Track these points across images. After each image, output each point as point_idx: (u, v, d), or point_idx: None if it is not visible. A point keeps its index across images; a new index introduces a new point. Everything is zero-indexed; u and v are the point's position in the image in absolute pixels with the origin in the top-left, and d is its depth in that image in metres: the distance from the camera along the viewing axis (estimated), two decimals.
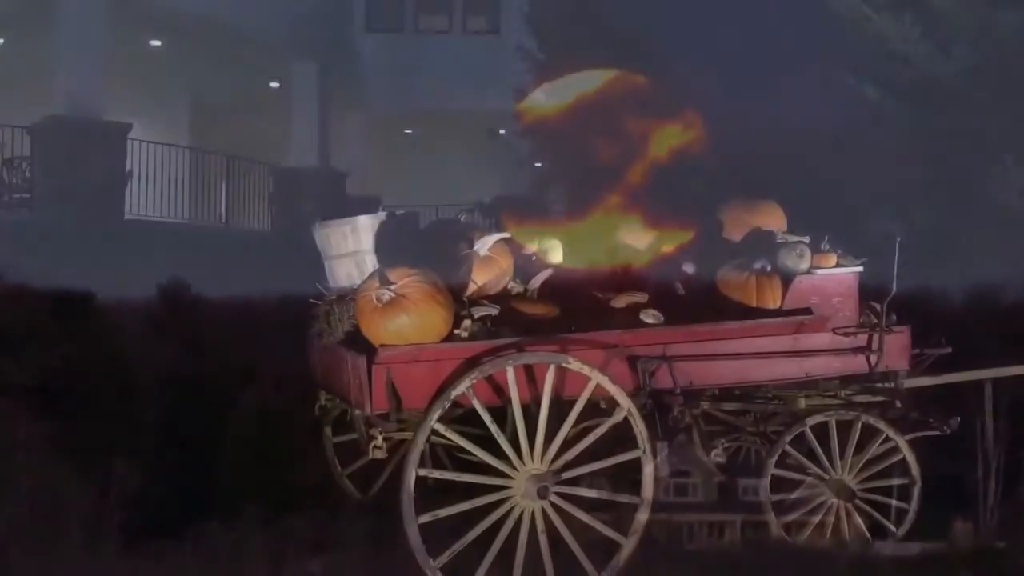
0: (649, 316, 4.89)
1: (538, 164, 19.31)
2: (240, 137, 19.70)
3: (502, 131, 20.28)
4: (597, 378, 4.57)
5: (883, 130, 8.21)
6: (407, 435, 4.63)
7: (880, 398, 5.56)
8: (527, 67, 16.87)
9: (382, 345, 4.42)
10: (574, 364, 4.53)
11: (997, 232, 7.21)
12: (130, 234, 12.57)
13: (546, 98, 6.67)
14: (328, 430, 5.87)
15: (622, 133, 5.97)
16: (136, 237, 12.63)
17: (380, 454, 4.57)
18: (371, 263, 4.99)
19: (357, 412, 4.90)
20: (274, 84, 18.03)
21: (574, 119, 6.33)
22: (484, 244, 4.90)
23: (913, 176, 7.79)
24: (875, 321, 5.35)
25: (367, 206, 19.14)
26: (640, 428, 4.64)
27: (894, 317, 5.37)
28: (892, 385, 5.52)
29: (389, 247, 5.00)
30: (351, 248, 5.00)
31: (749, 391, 5.74)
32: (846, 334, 5.26)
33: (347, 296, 4.96)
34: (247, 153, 16.75)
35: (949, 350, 5.54)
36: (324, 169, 17.06)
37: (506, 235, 5.01)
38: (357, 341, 4.77)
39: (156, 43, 15.75)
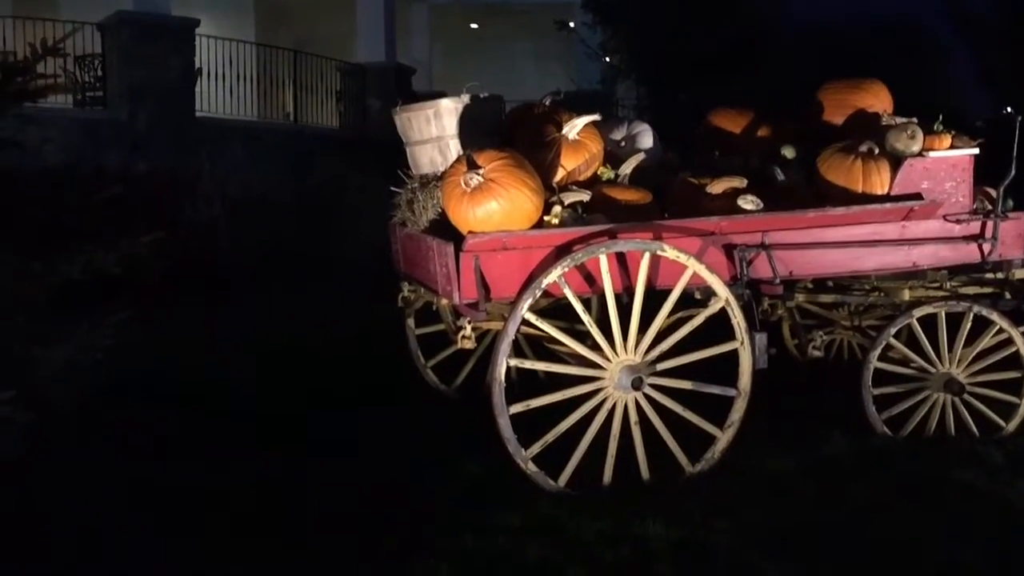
0: (747, 202, 4.62)
1: (607, 59, 18.75)
2: (306, 33, 19.45)
3: (571, 23, 19.68)
4: (694, 266, 4.36)
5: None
6: (496, 325, 4.49)
7: (989, 289, 5.26)
8: None
9: (470, 232, 4.25)
10: (670, 252, 4.32)
11: None
12: (201, 130, 12.52)
13: None
14: (411, 321, 5.79)
15: None
16: (206, 133, 12.59)
17: (469, 344, 4.45)
18: (455, 148, 4.81)
19: (444, 302, 4.78)
20: None
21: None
22: (573, 127, 4.66)
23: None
24: (990, 207, 5.02)
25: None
26: (739, 319, 4.43)
27: (1011, 203, 5.02)
28: (1003, 275, 5.22)
29: (473, 131, 4.80)
30: (434, 133, 4.81)
31: (846, 282, 5.50)
32: (958, 221, 4.94)
33: (431, 182, 4.80)
34: (313, 49, 16.47)
35: None
36: (390, 64, 16.70)
37: (596, 117, 4.75)
38: (442, 229, 4.62)
39: None
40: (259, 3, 18.26)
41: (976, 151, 4.94)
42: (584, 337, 4.48)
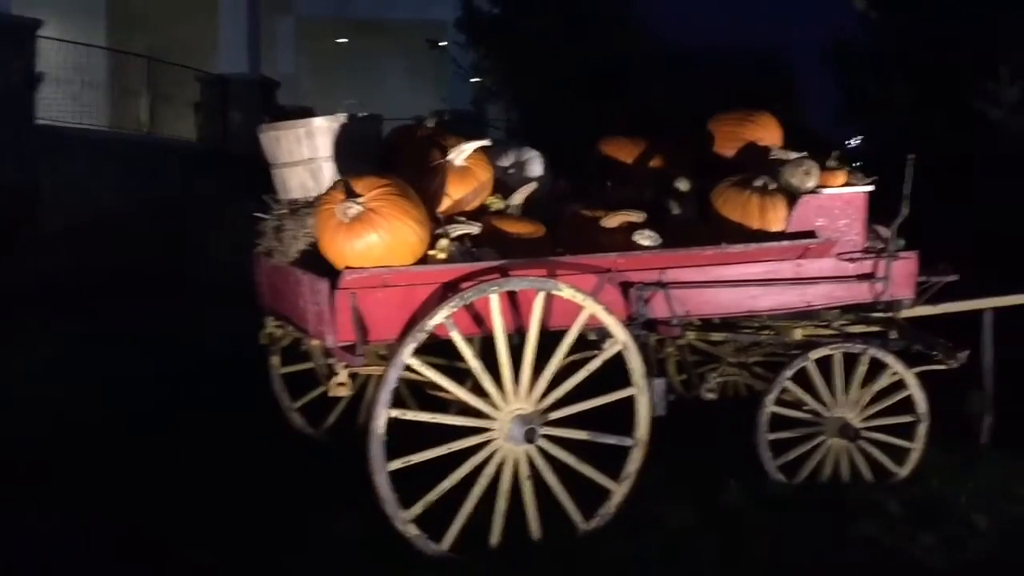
0: (645, 238, 4.36)
1: (477, 79, 18.54)
2: (163, 39, 18.42)
3: (443, 43, 19.41)
4: (591, 307, 4.04)
5: (872, 42, 7.74)
6: (375, 370, 4.05)
7: (877, 328, 5.17)
8: None
9: (347, 267, 3.80)
10: (566, 291, 3.99)
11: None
12: (41, 139, 11.50)
13: None
14: (276, 359, 5.26)
15: None
16: (47, 143, 11.58)
17: (343, 391, 3.99)
18: (329, 172, 4.36)
19: (315, 342, 4.30)
20: None
21: None
22: (461, 153, 4.28)
23: (898, 90, 7.33)
24: (882, 246, 4.91)
25: (301, 117, 18.25)
26: (636, 363, 4.14)
27: (902, 242, 4.94)
28: (891, 315, 5.13)
29: (350, 154, 4.37)
30: (306, 155, 4.35)
31: (734, 320, 5.31)
32: (852, 260, 4.81)
33: (302, 209, 4.32)
34: (171, 56, 15.58)
35: (956, 277, 5.14)
36: (254, 76, 15.97)
37: (486, 143, 4.38)
38: (315, 261, 4.15)
39: None
40: (111, 6, 17.16)
41: (871, 188, 4.83)
42: (470, 382, 4.11)
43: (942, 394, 4.92)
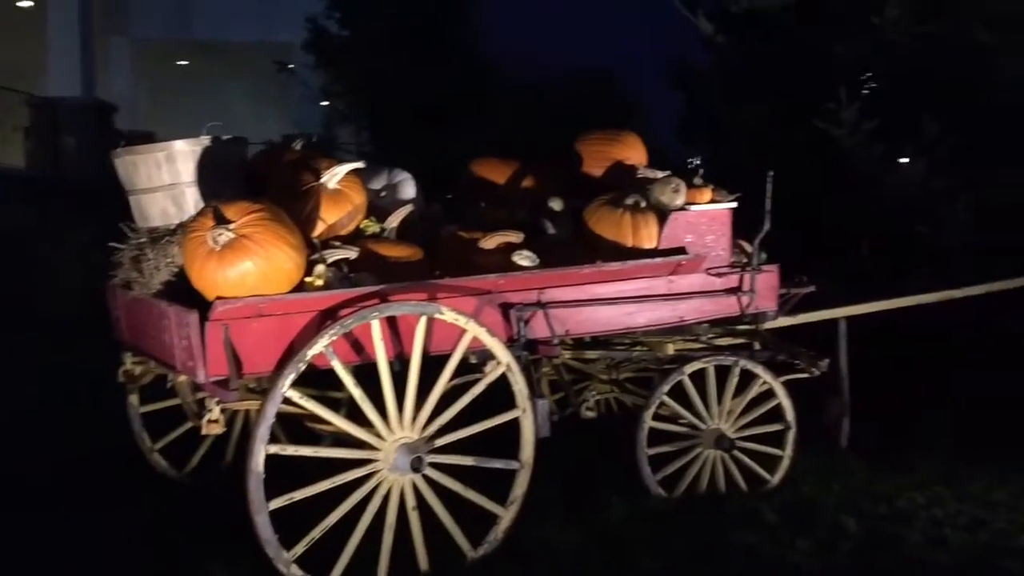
0: (523, 258, 4.33)
1: (326, 103, 18.26)
2: None
3: (291, 65, 19.01)
4: (474, 330, 3.97)
5: (719, 63, 8.04)
6: (250, 405, 3.84)
7: (743, 340, 5.33)
8: None
9: (219, 297, 3.60)
10: (448, 314, 3.91)
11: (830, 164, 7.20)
12: None
13: None
14: (134, 398, 4.93)
15: None
16: None
17: (217, 429, 3.76)
18: (192, 197, 4.13)
19: (182, 379, 4.05)
20: (25, 3, 15.80)
21: None
22: (334, 176, 4.14)
23: (746, 111, 7.65)
24: (746, 260, 5.07)
25: (141, 142, 17.47)
26: (520, 384, 4.09)
27: (764, 255, 5.11)
28: (754, 327, 5.30)
29: (214, 178, 4.15)
30: (167, 180, 4.11)
31: (608, 338, 5.36)
32: (719, 274, 4.94)
33: (164, 237, 4.08)
34: None
35: (813, 288, 5.36)
36: (88, 100, 15.15)
37: (359, 165, 4.26)
38: (179, 292, 3.92)
39: None
40: None
41: (735, 205, 4.98)
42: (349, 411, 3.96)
43: (800, 401, 5.10)
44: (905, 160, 7.08)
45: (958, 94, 7.24)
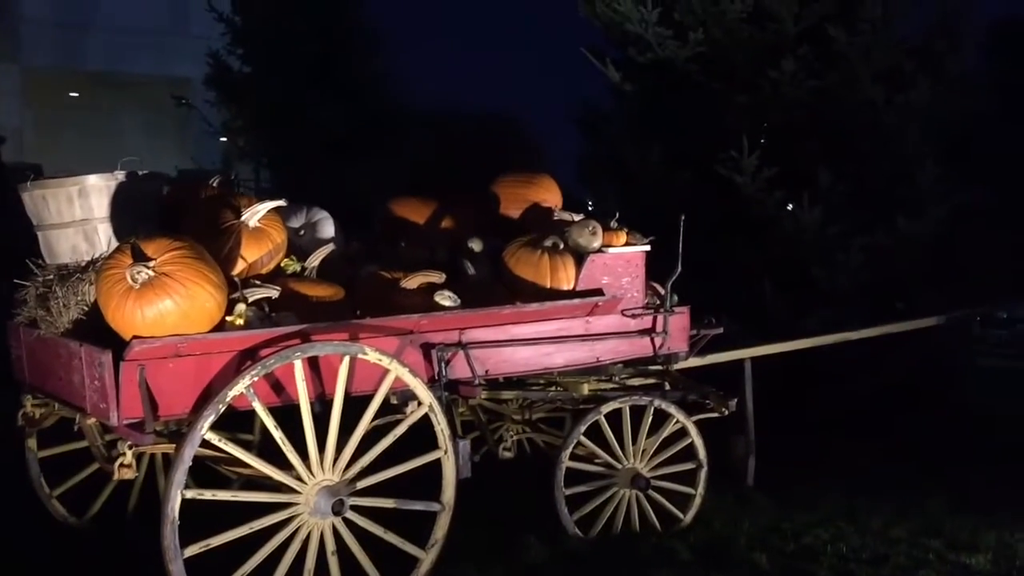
0: (445, 298, 4.34)
1: (223, 139, 17.96)
2: None
3: (183, 100, 18.65)
4: (396, 370, 3.95)
5: (625, 111, 8.24)
6: (164, 448, 3.71)
7: (653, 380, 5.44)
8: (222, 31, 15.58)
9: (136, 336, 3.48)
10: (372, 355, 3.88)
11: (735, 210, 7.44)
12: None
13: None
14: (32, 442, 4.70)
15: None
16: None
17: (129, 473, 3.62)
18: (105, 234, 4.01)
19: (90, 421, 3.90)
20: None
21: None
22: (255, 214, 4.08)
23: (652, 157, 7.85)
24: (659, 302, 5.19)
25: (27, 175, 16.85)
26: (442, 425, 4.08)
27: (676, 298, 5.24)
28: (665, 367, 5.42)
29: (129, 214, 4.05)
30: (79, 215, 3.98)
31: (523, 378, 5.39)
32: (634, 316, 5.04)
33: (74, 275, 3.93)
34: None
35: (721, 330, 5.52)
36: None
37: (280, 203, 4.21)
38: (87, 331, 3.79)
39: None
40: None
41: (648, 248, 5.11)
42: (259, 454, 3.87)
43: (706, 440, 5.21)
44: (793, 207, 7.37)
45: (851, 144, 7.61)
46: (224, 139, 18.27)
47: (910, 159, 7.46)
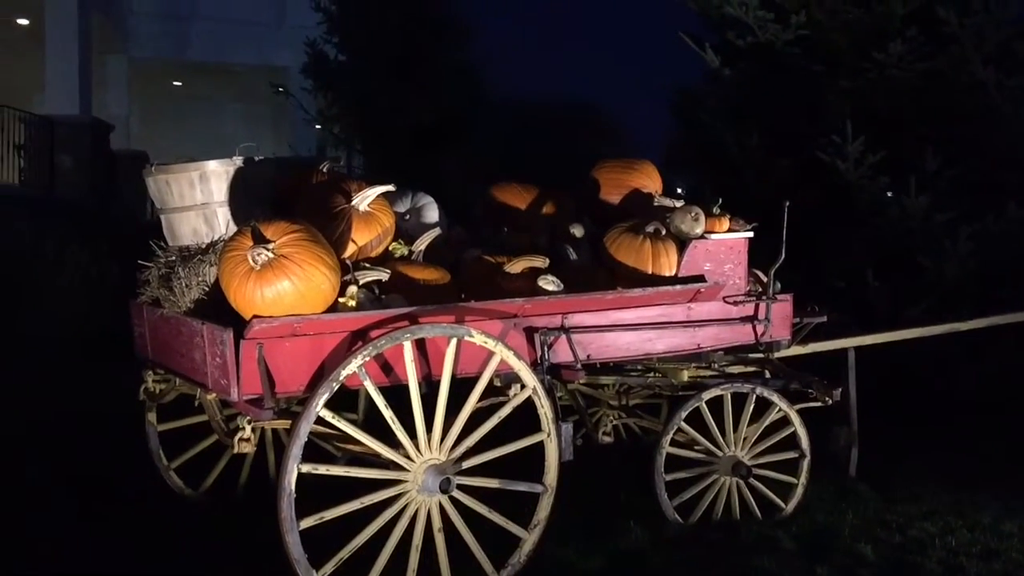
0: (548, 283, 4.38)
1: (318, 126, 18.32)
2: None
3: (280, 88, 19.08)
4: (502, 353, 4.01)
5: (723, 95, 8.13)
6: (281, 424, 3.84)
7: (754, 368, 5.38)
8: (319, 20, 15.89)
9: (256, 316, 3.62)
10: (478, 337, 3.94)
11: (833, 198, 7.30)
12: None
13: None
14: (152, 416, 4.93)
15: None
16: None
17: (248, 447, 3.77)
18: (224, 217, 4.17)
19: (211, 397, 4.06)
20: (22, 20, 15.81)
21: None
22: (365, 198, 4.18)
23: (752, 142, 7.74)
24: (761, 289, 5.14)
25: (134, 161, 17.50)
26: (546, 408, 4.13)
27: (779, 285, 5.18)
28: (766, 355, 5.35)
29: (245, 198, 4.19)
30: (199, 199, 4.14)
31: (622, 363, 5.40)
32: (736, 303, 5.00)
33: (195, 256, 4.10)
34: None
35: (824, 318, 5.43)
36: (86, 119, 15.14)
37: (389, 188, 4.30)
38: (208, 310, 3.94)
39: None
40: None
41: (751, 234, 5.05)
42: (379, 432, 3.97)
43: (808, 430, 5.14)
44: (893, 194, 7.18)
45: (959, 129, 7.38)
46: (319, 126, 18.67)
47: (1021, 144, 7.21)
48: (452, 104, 15.73)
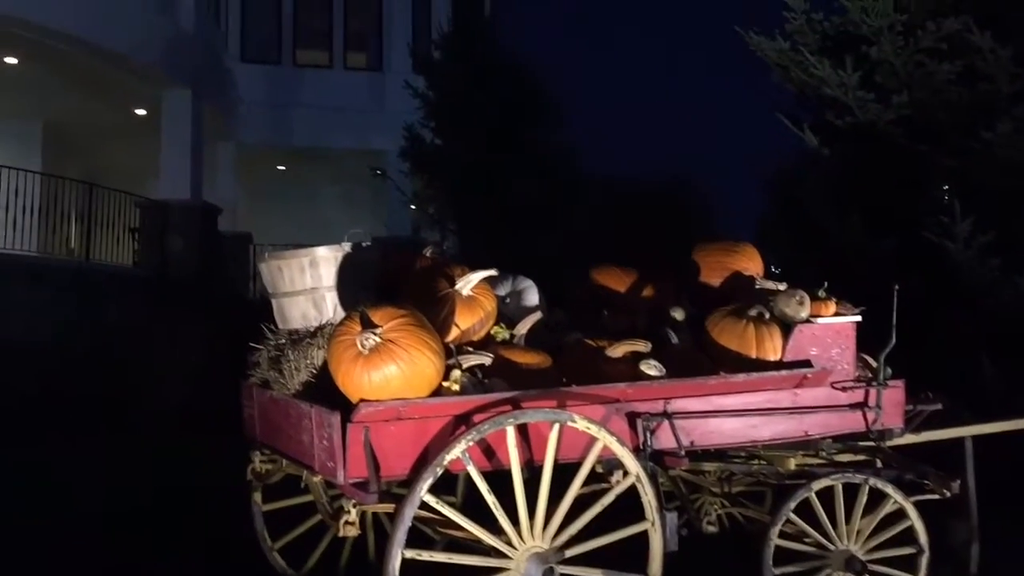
0: (651, 367, 4.33)
1: (413, 207, 18.76)
2: (102, 165, 18.25)
3: (379, 171, 19.67)
4: (605, 439, 3.96)
5: (822, 174, 8.05)
6: (384, 507, 3.86)
7: (865, 457, 5.19)
8: (416, 105, 16.38)
9: (363, 400, 3.67)
10: (580, 423, 3.91)
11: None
12: None
13: None
14: (258, 496, 5.00)
15: None
16: None
17: (353, 531, 3.80)
18: (332, 301, 4.27)
19: (317, 479, 4.11)
20: (140, 111, 16.74)
21: None
22: (468, 282, 4.24)
23: (853, 222, 7.61)
24: (871, 375, 4.99)
25: (240, 242, 18.10)
26: (649, 496, 4.05)
27: (890, 371, 5.02)
28: (878, 444, 5.15)
29: (352, 282, 4.29)
30: (309, 284, 4.26)
31: (725, 450, 5.27)
32: (844, 389, 4.85)
33: (304, 339, 4.20)
34: (110, 183, 15.40)
35: (939, 406, 5.22)
36: (196, 202, 15.83)
37: (492, 272, 4.36)
38: (316, 393, 4.02)
39: (12, 60, 14.29)
40: (47, 132, 16.99)
41: (859, 318, 4.93)
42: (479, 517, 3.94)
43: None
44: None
45: None
46: (414, 207, 19.13)
47: None
48: (546, 184, 15.95)
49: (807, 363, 4.73)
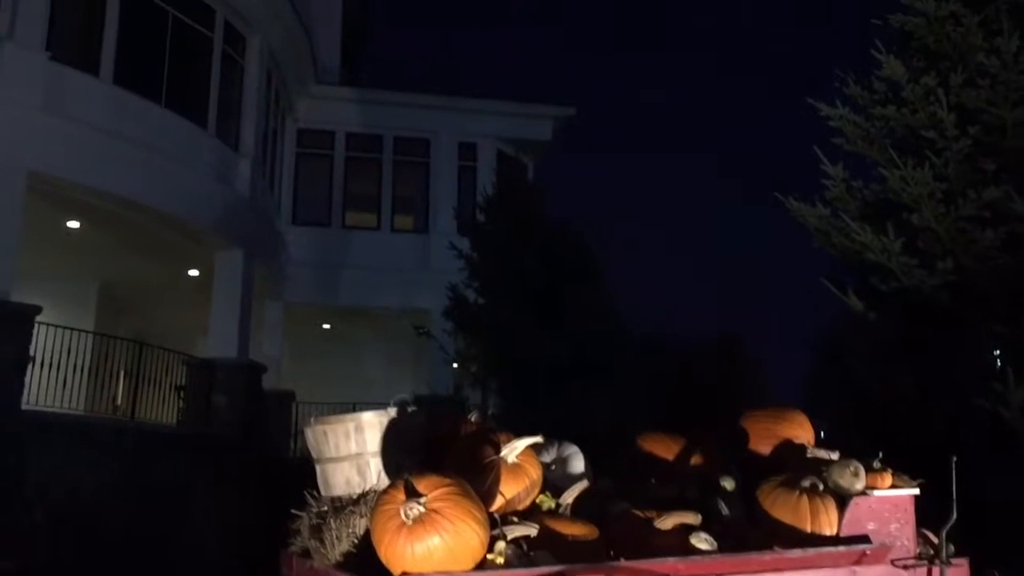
0: (701, 541, 4.19)
1: (467, 367, 18.79)
2: (152, 323, 18.69)
3: (423, 330, 19.85)
4: None
5: (870, 339, 7.96)
6: None
7: None
8: (460, 266, 16.69)
9: (404, 572, 3.57)
10: None
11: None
12: (24, 425, 11.23)
13: None
14: None
15: None
16: (31, 429, 11.30)
17: None
18: (376, 467, 4.23)
19: None
20: (193, 272, 17.27)
21: None
22: (513, 450, 4.19)
23: (904, 388, 7.46)
24: (932, 552, 4.77)
25: (282, 400, 18.17)
26: None
27: (952, 548, 4.80)
28: None
29: (397, 449, 4.27)
30: (353, 450, 4.24)
31: None
32: (905, 566, 4.64)
33: (347, 507, 4.14)
34: (159, 341, 15.71)
35: None
36: (243, 361, 16.04)
37: (538, 439, 4.31)
38: (358, 563, 3.92)
39: (74, 224, 14.94)
40: (106, 289, 17.54)
41: (917, 491, 4.76)
42: None
43: None
44: None
45: None
46: (455, 365, 19.18)
47: None
48: (590, 344, 15.95)
49: (865, 538, 4.54)
